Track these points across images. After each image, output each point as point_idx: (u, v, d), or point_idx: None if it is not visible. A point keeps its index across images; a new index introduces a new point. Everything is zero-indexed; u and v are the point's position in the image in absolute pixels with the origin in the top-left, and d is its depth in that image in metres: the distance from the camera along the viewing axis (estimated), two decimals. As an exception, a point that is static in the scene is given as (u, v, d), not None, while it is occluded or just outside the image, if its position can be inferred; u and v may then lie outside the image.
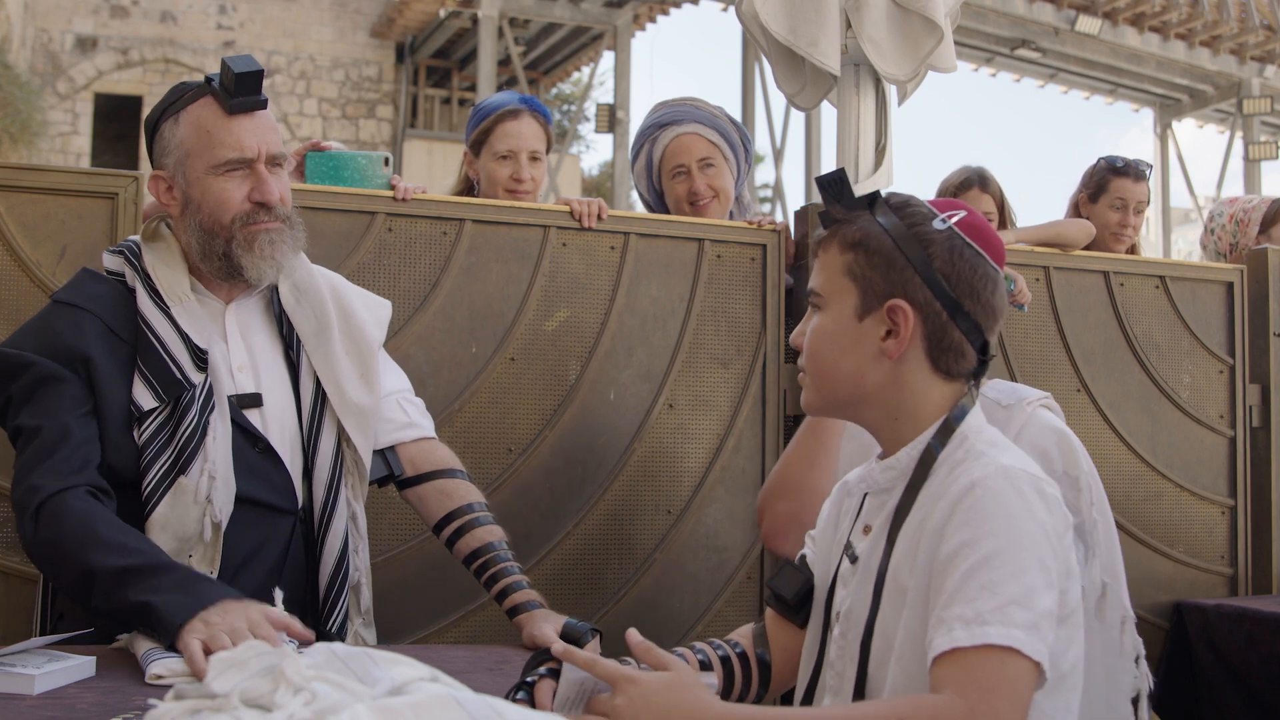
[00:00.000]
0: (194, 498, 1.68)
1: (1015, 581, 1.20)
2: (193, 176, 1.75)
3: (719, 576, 2.64)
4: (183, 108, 1.77)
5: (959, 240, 1.37)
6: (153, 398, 1.69)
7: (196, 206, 1.76)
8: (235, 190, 1.75)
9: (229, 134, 1.74)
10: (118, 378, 1.69)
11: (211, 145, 1.74)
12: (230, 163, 1.74)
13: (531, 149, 2.77)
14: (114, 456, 1.67)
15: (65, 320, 1.71)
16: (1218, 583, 3.04)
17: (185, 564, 1.68)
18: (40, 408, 1.65)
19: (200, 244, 1.77)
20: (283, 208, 1.79)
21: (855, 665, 1.36)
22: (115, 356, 1.71)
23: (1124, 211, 3.37)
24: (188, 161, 1.75)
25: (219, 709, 0.92)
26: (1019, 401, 1.84)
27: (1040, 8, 13.50)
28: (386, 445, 1.94)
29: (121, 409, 1.68)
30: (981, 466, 1.29)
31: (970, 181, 3.21)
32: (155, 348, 1.72)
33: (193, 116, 1.76)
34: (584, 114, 18.65)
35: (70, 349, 1.68)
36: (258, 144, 1.76)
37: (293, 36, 16.78)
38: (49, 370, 1.67)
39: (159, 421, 1.69)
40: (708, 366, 2.66)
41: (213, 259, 1.77)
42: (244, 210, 1.75)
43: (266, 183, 1.76)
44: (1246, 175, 15.94)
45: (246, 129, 1.75)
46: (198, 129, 1.75)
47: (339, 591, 1.82)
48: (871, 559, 1.38)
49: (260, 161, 1.76)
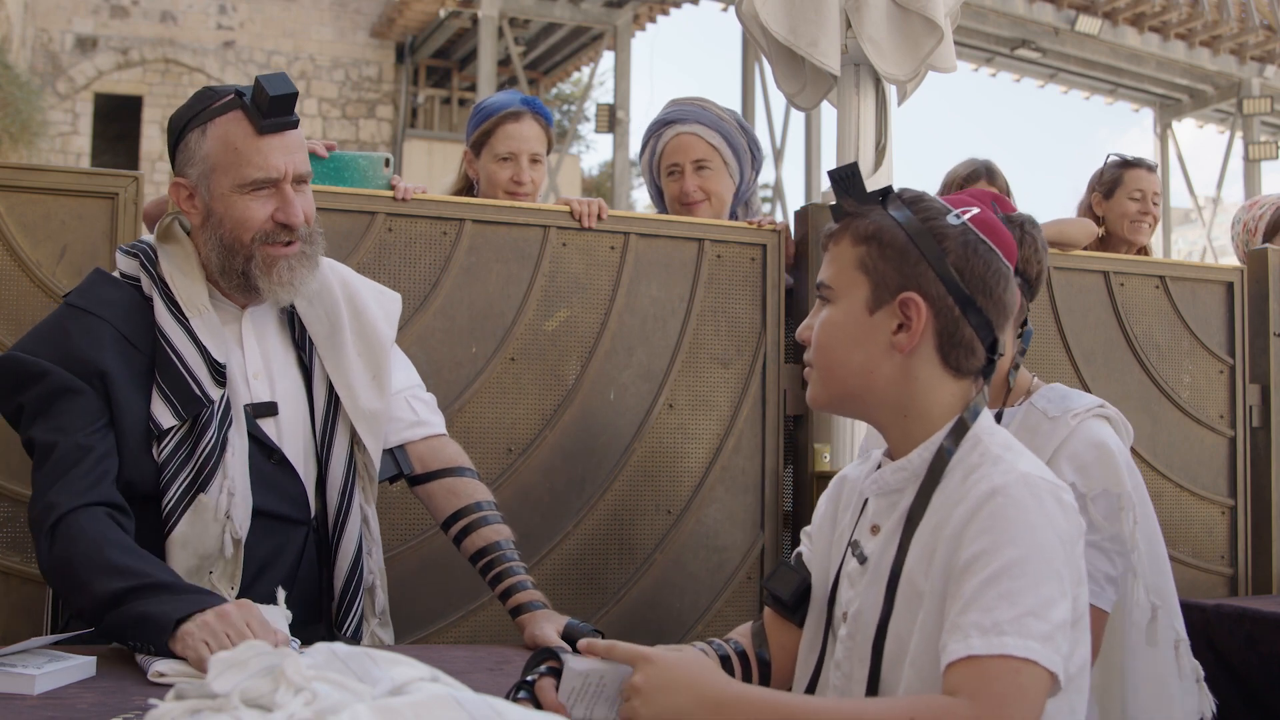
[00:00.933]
0: (214, 515, 1.67)
1: (1033, 592, 1.20)
2: (217, 191, 1.73)
3: (719, 576, 2.64)
4: (211, 119, 1.74)
5: (973, 236, 1.37)
6: (172, 415, 1.67)
7: (219, 221, 1.74)
8: (259, 210, 1.73)
9: (257, 153, 1.72)
10: (135, 391, 1.68)
11: (239, 164, 1.72)
12: (257, 183, 1.72)
13: (533, 151, 2.77)
14: (132, 472, 1.66)
15: (80, 327, 1.69)
16: (1218, 583, 3.04)
17: (204, 583, 1.67)
18: (56, 422, 1.63)
19: (220, 259, 1.75)
20: (305, 227, 1.77)
21: (866, 666, 1.36)
22: (132, 369, 1.69)
23: (1143, 201, 3.39)
24: (213, 176, 1.73)
25: (219, 709, 0.92)
26: (1064, 414, 1.79)
27: (1040, 8, 13.51)
28: (395, 444, 1.94)
29: (139, 424, 1.67)
30: (1001, 474, 1.28)
31: (978, 174, 3.24)
32: (173, 362, 1.70)
33: (221, 130, 1.73)
34: (584, 114, 18.65)
35: (87, 361, 1.66)
36: (285, 164, 1.73)
37: (293, 36, 16.78)
38: (65, 382, 1.64)
39: (178, 439, 1.68)
40: (708, 366, 2.66)
41: (231, 275, 1.76)
42: (266, 229, 1.74)
43: (292, 204, 1.74)
44: (1246, 175, 15.95)
45: (276, 148, 1.73)
46: (226, 145, 1.72)
47: (354, 595, 1.83)
48: (883, 560, 1.38)
49: (286, 181, 1.74)
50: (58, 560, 1.57)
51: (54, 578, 1.61)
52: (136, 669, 1.49)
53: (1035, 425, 1.78)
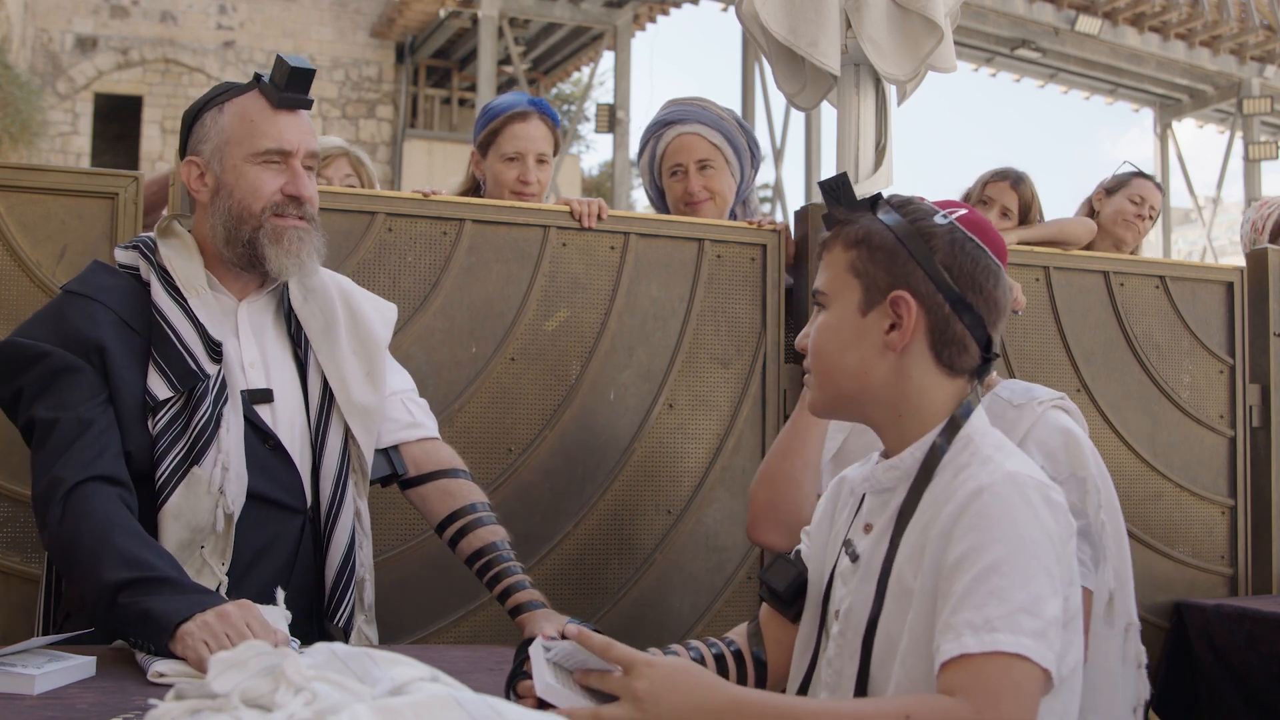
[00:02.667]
0: (207, 488, 1.68)
1: (1023, 589, 1.20)
2: (229, 163, 1.78)
3: (719, 576, 2.64)
4: (229, 99, 1.81)
5: (960, 234, 1.39)
6: (167, 387, 1.69)
7: (229, 192, 1.78)
8: (270, 180, 1.78)
9: (272, 125, 1.78)
10: (132, 367, 1.70)
11: (253, 134, 1.77)
12: (270, 153, 1.78)
13: (539, 151, 2.77)
14: (129, 446, 1.68)
15: (78, 310, 1.72)
16: (1218, 583, 3.04)
17: (196, 558, 1.69)
18: (57, 399, 1.65)
19: (226, 230, 1.79)
20: (310, 208, 1.82)
21: (856, 664, 1.37)
22: (129, 346, 1.71)
23: (1140, 205, 3.49)
24: (226, 148, 1.78)
25: (219, 709, 0.92)
26: (1030, 401, 1.83)
27: (1040, 8, 13.51)
28: (390, 444, 1.95)
29: (136, 399, 1.69)
30: (988, 472, 1.29)
31: (1005, 174, 3.34)
32: (170, 338, 1.72)
33: (238, 107, 1.79)
34: (584, 114, 18.65)
35: (84, 338, 1.68)
36: (298, 140, 1.79)
37: (293, 36, 16.77)
38: (64, 361, 1.67)
39: (173, 412, 1.69)
40: (708, 366, 2.66)
41: (236, 245, 1.79)
42: (276, 200, 1.78)
43: (301, 178, 1.80)
44: (1246, 175, 15.94)
45: (290, 124, 1.79)
46: (241, 118, 1.78)
47: (345, 588, 1.83)
48: (874, 558, 1.38)
49: (298, 158, 1.80)
50: (65, 536, 1.57)
51: (58, 554, 1.61)
52: (136, 669, 1.49)
53: (1000, 413, 1.81)
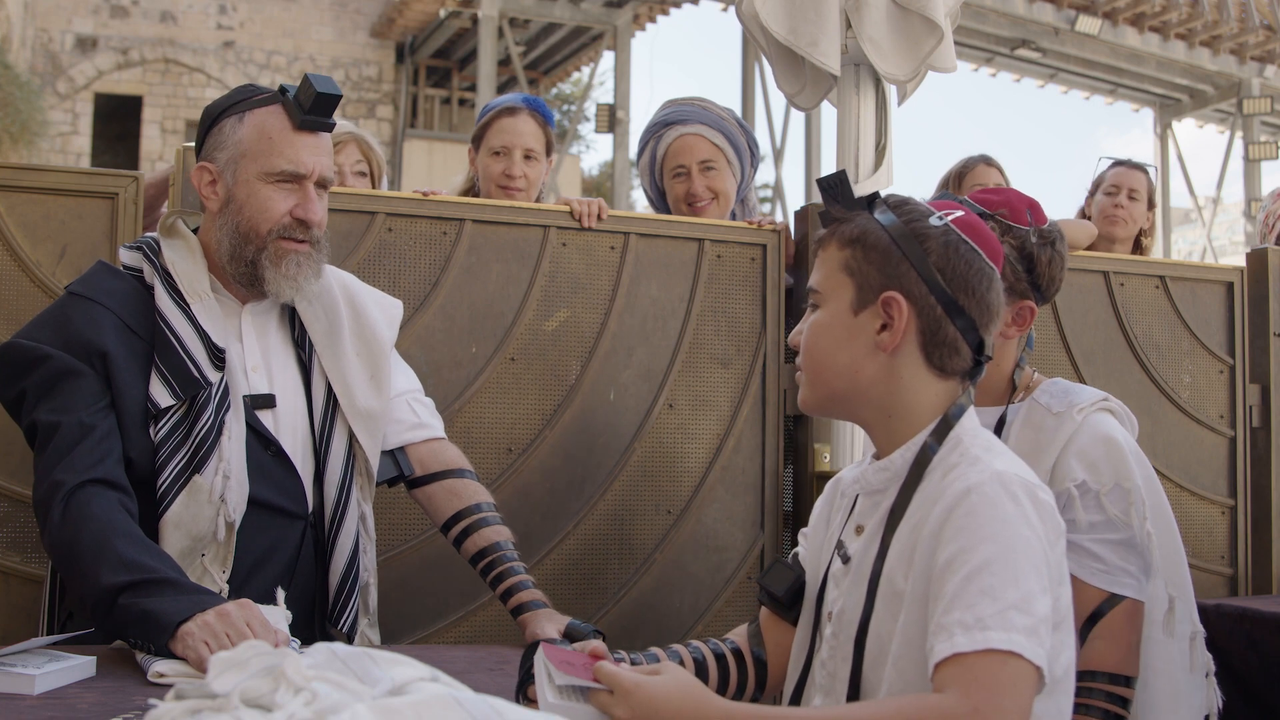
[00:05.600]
0: (208, 496, 1.68)
1: (1014, 587, 1.20)
2: (242, 177, 1.77)
3: (719, 576, 2.64)
4: (250, 109, 1.78)
5: (954, 236, 1.39)
6: (170, 395, 1.69)
7: (238, 208, 1.77)
8: (281, 202, 1.77)
9: (290, 146, 1.76)
10: (134, 373, 1.70)
11: (270, 152, 1.75)
12: (284, 174, 1.76)
13: (526, 146, 2.77)
14: (131, 452, 1.67)
15: (81, 313, 1.71)
16: (1218, 583, 3.04)
17: (197, 565, 1.69)
18: (59, 403, 1.65)
19: (232, 244, 1.78)
20: (317, 231, 1.81)
21: (848, 665, 1.37)
22: (132, 352, 1.71)
23: (1116, 194, 3.50)
24: (242, 161, 1.77)
25: (219, 709, 0.92)
26: (1069, 409, 1.76)
27: (1040, 8, 13.52)
28: (396, 446, 1.94)
29: (138, 405, 1.69)
30: (977, 472, 1.29)
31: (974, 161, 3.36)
32: (173, 345, 1.72)
33: (258, 119, 1.77)
34: (584, 114, 18.66)
35: (87, 343, 1.68)
36: (314, 163, 1.78)
37: (293, 36, 16.78)
38: (67, 364, 1.66)
39: (175, 419, 1.69)
40: (708, 366, 2.66)
41: (239, 263, 1.78)
42: (284, 224, 1.77)
43: (312, 201, 1.78)
44: (1246, 175, 15.95)
45: (309, 146, 1.77)
46: (261, 133, 1.76)
47: (349, 593, 1.83)
48: (865, 560, 1.39)
49: (311, 180, 1.78)
50: (65, 539, 1.57)
51: (59, 556, 1.61)
52: (136, 669, 1.49)
53: (1040, 422, 1.77)
